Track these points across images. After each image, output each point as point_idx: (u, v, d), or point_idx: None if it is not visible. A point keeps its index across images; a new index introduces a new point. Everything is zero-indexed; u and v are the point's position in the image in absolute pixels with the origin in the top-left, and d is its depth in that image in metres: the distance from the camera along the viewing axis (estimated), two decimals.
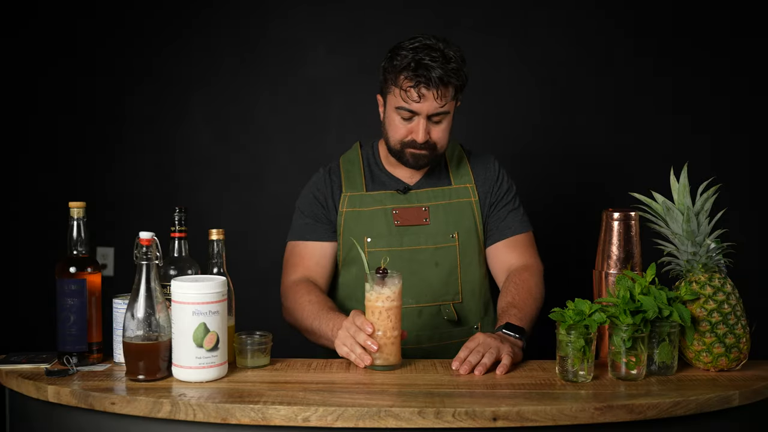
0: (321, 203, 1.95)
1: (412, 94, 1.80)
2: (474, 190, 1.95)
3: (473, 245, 1.94)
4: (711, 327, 1.57)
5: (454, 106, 1.88)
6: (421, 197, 1.93)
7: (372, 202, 1.93)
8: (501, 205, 1.97)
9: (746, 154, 2.82)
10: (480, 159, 2.02)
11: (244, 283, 2.21)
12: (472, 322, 1.94)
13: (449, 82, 1.81)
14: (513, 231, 1.95)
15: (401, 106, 1.83)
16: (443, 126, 1.86)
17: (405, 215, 1.90)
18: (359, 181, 1.96)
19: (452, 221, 1.92)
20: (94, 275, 1.63)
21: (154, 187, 2.97)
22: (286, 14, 2.92)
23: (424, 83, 1.78)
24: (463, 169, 1.98)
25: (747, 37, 2.81)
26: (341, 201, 1.93)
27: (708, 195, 1.61)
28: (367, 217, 1.91)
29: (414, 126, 1.84)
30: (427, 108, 1.81)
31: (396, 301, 1.61)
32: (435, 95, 1.79)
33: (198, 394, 1.42)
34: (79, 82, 2.96)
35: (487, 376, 1.57)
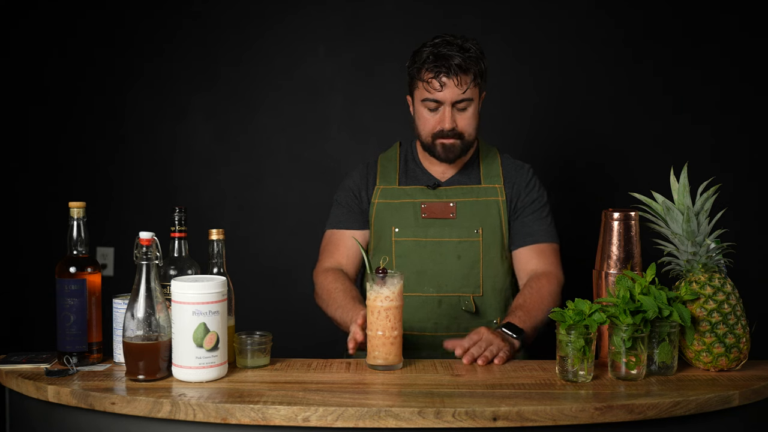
0: (355, 195, 2.07)
1: (434, 84, 1.91)
2: (502, 191, 2.02)
3: (497, 242, 1.99)
4: (711, 327, 1.57)
5: (478, 95, 1.97)
6: (450, 193, 2.01)
7: (402, 195, 2.03)
8: (529, 212, 2.02)
9: (746, 154, 2.82)
10: (513, 163, 2.09)
11: (244, 283, 2.22)
12: (491, 317, 1.98)
13: (468, 69, 1.91)
14: (536, 239, 2.01)
15: (426, 98, 1.94)
16: (468, 113, 1.96)
17: (432, 209, 1.99)
18: (393, 176, 2.07)
19: (477, 218, 1.98)
20: (94, 275, 1.63)
21: (154, 187, 2.97)
22: (286, 14, 2.92)
23: (444, 72, 1.90)
24: (494, 170, 2.05)
25: (748, 37, 2.81)
26: (374, 193, 2.05)
27: (708, 195, 1.61)
28: (396, 209, 2.01)
29: (440, 116, 1.94)
30: (450, 96, 1.92)
31: (396, 301, 1.61)
32: (456, 82, 1.90)
33: (198, 394, 1.42)
34: (79, 82, 2.96)
35: (487, 376, 1.57)
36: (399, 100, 2.91)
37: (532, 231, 2.00)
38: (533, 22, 2.86)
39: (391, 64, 2.90)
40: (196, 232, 1.86)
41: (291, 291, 2.94)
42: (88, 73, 2.95)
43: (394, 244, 1.99)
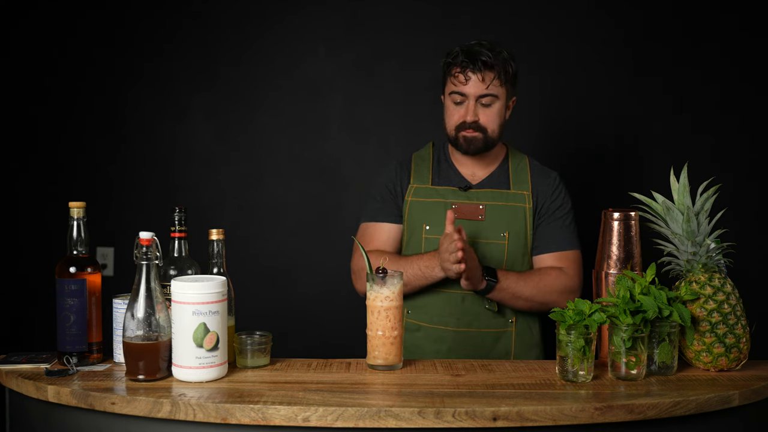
0: (390, 190, 2.14)
1: (461, 78, 2.01)
2: (530, 198, 2.07)
3: (521, 247, 2.05)
4: (711, 327, 1.57)
5: (504, 96, 2.04)
6: (480, 196, 2.07)
7: (435, 195, 2.09)
8: (552, 219, 2.07)
9: (746, 154, 2.82)
10: (542, 171, 2.14)
11: (244, 283, 2.22)
12: (509, 316, 2.05)
13: (493, 66, 2.00)
14: (558, 246, 2.05)
15: (453, 91, 2.03)
16: (492, 110, 2.03)
17: (463, 210, 2.05)
18: (427, 175, 2.13)
19: (504, 221, 2.04)
20: (94, 275, 1.63)
21: (154, 187, 2.97)
22: (286, 14, 2.92)
23: (470, 68, 2.00)
24: (523, 177, 2.10)
25: (748, 38, 2.81)
26: (408, 191, 2.11)
27: (708, 195, 1.61)
28: (428, 207, 2.08)
29: (464, 109, 2.03)
30: (474, 90, 2.00)
31: (395, 301, 1.61)
32: (480, 78, 1.99)
33: (198, 394, 1.42)
34: (79, 82, 2.96)
35: (488, 376, 1.57)
36: (399, 100, 2.93)
37: (555, 239, 2.05)
38: (533, 22, 2.86)
39: (391, 64, 2.90)
40: (196, 232, 1.86)
41: (291, 291, 2.94)
42: (88, 73, 2.95)
43: (424, 241, 2.05)
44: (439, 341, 2.03)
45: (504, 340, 2.04)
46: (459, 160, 2.13)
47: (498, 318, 2.04)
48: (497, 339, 2.04)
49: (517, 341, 2.04)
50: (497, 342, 2.04)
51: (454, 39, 2.85)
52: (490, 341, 2.03)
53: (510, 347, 2.04)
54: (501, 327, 2.04)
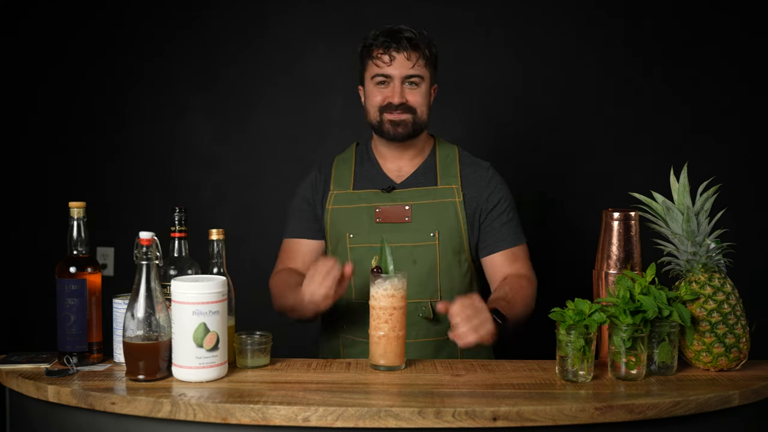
0: (309, 203, 2.04)
1: (384, 59, 1.92)
2: (459, 192, 1.97)
3: (455, 245, 1.95)
4: (711, 327, 1.57)
5: (429, 78, 1.96)
6: (405, 196, 1.97)
7: (357, 200, 1.99)
8: (494, 216, 1.98)
9: (747, 153, 2.82)
10: (472, 162, 2.04)
11: (244, 283, 2.21)
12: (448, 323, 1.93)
13: (418, 46, 1.92)
14: (508, 243, 1.98)
15: (376, 73, 1.94)
16: (420, 90, 1.94)
17: (387, 213, 1.95)
18: (348, 179, 2.02)
19: (434, 220, 1.94)
20: (94, 275, 1.63)
21: (154, 187, 2.97)
22: (286, 14, 2.92)
23: (394, 47, 1.91)
24: (451, 170, 2.00)
25: (749, 37, 2.81)
26: (328, 199, 2.01)
27: (708, 195, 1.61)
28: (350, 214, 1.97)
29: (390, 90, 1.94)
30: (400, 70, 1.92)
31: (398, 302, 1.61)
32: (406, 56, 1.91)
33: (198, 394, 1.42)
34: (79, 82, 2.96)
35: (487, 376, 1.57)
36: None
37: (502, 236, 1.97)
38: (533, 22, 2.86)
39: None
40: (196, 232, 1.86)
41: None
42: (88, 73, 2.95)
43: (350, 251, 1.95)
44: None
45: (448, 348, 1.91)
46: (383, 155, 2.03)
47: (438, 325, 1.92)
48: (440, 347, 1.93)
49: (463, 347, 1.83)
50: (440, 350, 1.92)
51: (455, 39, 2.86)
52: (431, 351, 1.92)
53: (456, 355, 1.92)
54: (443, 335, 1.89)
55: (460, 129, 2.90)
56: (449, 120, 2.88)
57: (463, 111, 2.91)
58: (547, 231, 2.87)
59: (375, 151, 2.06)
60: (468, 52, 2.89)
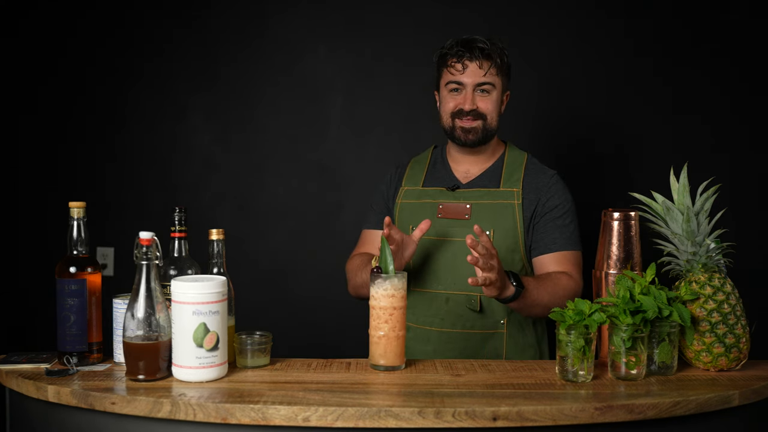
0: (384, 197, 2.19)
1: (458, 67, 2.02)
2: (519, 195, 2.03)
3: (509, 244, 2.01)
4: (711, 327, 1.57)
5: (501, 86, 2.05)
6: (467, 195, 2.06)
7: (423, 196, 2.11)
8: (549, 219, 2.02)
9: (746, 153, 2.82)
10: (537, 168, 2.10)
11: (244, 283, 2.22)
12: (498, 317, 2.00)
13: (490, 55, 2.01)
14: (559, 246, 2.01)
15: (449, 81, 2.04)
16: (491, 98, 2.03)
17: (448, 209, 2.05)
18: (419, 178, 2.16)
19: (491, 219, 2.01)
20: (94, 275, 1.63)
21: (154, 187, 2.97)
22: (286, 14, 2.92)
23: (467, 56, 2.01)
24: (515, 174, 2.08)
25: (749, 37, 2.81)
26: (399, 194, 2.15)
27: (708, 195, 1.61)
28: (416, 209, 2.09)
29: (462, 97, 2.03)
30: (472, 78, 2.01)
31: (398, 302, 1.61)
32: (478, 65, 2.00)
33: (198, 394, 1.42)
34: (79, 82, 2.96)
35: (488, 376, 1.57)
36: (399, 100, 2.93)
37: (554, 239, 2.01)
38: (535, 22, 2.86)
39: (391, 64, 2.90)
40: (196, 232, 1.86)
41: (291, 291, 2.95)
42: (88, 73, 2.96)
43: None
44: (424, 342, 2.02)
45: (493, 341, 1.99)
46: (455, 158, 2.13)
47: (485, 319, 1.99)
48: (485, 340, 1.99)
49: (509, 343, 2.00)
50: (485, 343, 1.99)
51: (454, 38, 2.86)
52: (477, 343, 1.99)
53: (501, 349, 1.99)
54: (489, 328, 2.00)
55: None
56: None
57: None
58: None
59: (448, 154, 2.16)
60: None
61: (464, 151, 2.10)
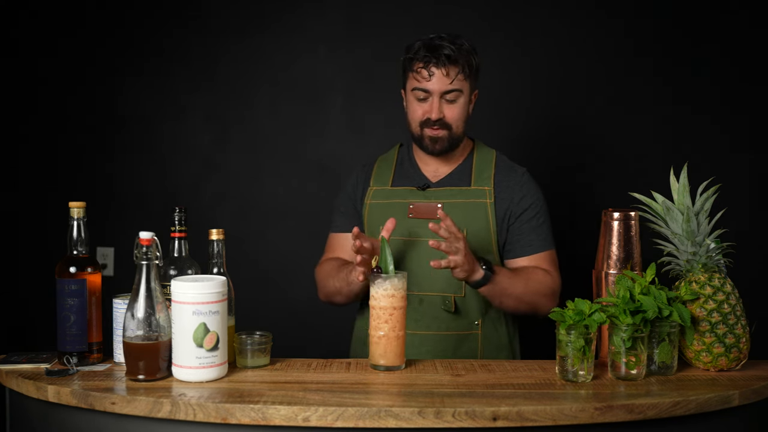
0: (351, 198, 2.13)
1: (424, 74, 1.95)
2: (491, 193, 2.01)
3: (483, 244, 1.99)
4: (711, 327, 1.57)
5: (468, 90, 1.99)
6: (438, 195, 2.02)
7: (393, 196, 2.06)
8: (522, 221, 2.01)
9: (746, 153, 2.82)
10: (508, 166, 2.08)
11: (244, 283, 2.22)
12: (473, 318, 1.97)
13: (457, 61, 1.94)
14: (534, 248, 2.00)
15: (415, 87, 1.98)
16: (457, 105, 1.98)
17: (419, 209, 2.01)
18: (388, 177, 2.10)
19: (463, 219, 1.97)
20: (94, 275, 1.63)
21: (154, 187, 2.97)
22: (286, 14, 2.92)
23: (434, 63, 1.94)
24: (485, 173, 2.05)
25: (749, 37, 2.81)
26: (367, 194, 2.10)
27: (708, 195, 1.61)
28: (386, 209, 2.04)
29: (428, 105, 1.97)
30: (438, 86, 1.95)
31: (398, 302, 1.61)
32: (444, 73, 1.94)
33: (198, 394, 1.42)
34: (79, 82, 2.96)
35: (488, 376, 1.57)
36: (399, 100, 2.92)
37: (529, 241, 2.00)
38: (532, 22, 2.86)
39: (391, 64, 2.89)
40: (196, 232, 1.86)
41: (291, 291, 2.94)
42: (88, 73, 2.96)
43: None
44: None
45: (469, 342, 1.96)
46: (422, 158, 2.09)
47: (460, 320, 1.96)
48: (460, 342, 1.96)
49: (483, 343, 1.97)
50: (460, 345, 1.96)
51: None
52: (452, 344, 1.95)
53: (476, 350, 1.96)
54: (464, 329, 1.96)
55: None
56: None
57: None
58: None
59: (415, 153, 2.12)
60: None
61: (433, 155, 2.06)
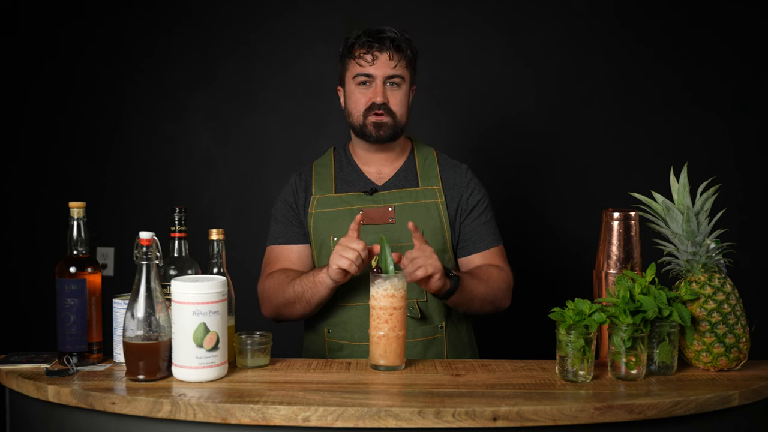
0: (292, 208, 2.03)
1: (367, 58, 1.93)
2: (441, 193, 1.99)
3: (439, 245, 1.96)
4: (711, 327, 1.57)
5: (409, 78, 1.98)
6: (387, 198, 1.98)
7: (340, 203, 1.99)
8: (473, 217, 2.00)
9: (746, 153, 2.82)
10: (451, 164, 2.06)
11: (244, 283, 2.22)
12: (437, 321, 1.95)
13: (400, 46, 1.93)
14: (486, 245, 2.00)
15: (358, 73, 1.94)
16: (401, 92, 1.96)
17: (370, 215, 1.95)
18: (329, 183, 2.03)
19: (417, 221, 1.92)
20: (94, 275, 1.63)
21: (154, 187, 2.97)
22: (285, 13, 2.92)
23: (377, 47, 1.92)
24: (431, 172, 2.02)
25: (748, 36, 2.81)
26: (311, 203, 2.01)
27: (708, 195, 1.61)
28: (334, 217, 1.97)
29: (372, 90, 1.94)
30: (382, 70, 1.93)
31: (398, 302, 1.61)
32: (389, 56, 1.92)
33: (198, 394, 1.42)
34: (78, 82, 2.96)
35: (488, 376, 1.57)
36: None
37: (481, 237, 1.99)
38: (532, 21, 2.86)
39: None
40: (196, 232, 1.86)
41: None
42: (88, 72, 2.96)
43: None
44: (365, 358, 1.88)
45: (434, 347, 1.94)
46: (363, 159, 2.04)
47: (425, 325, 1.93)
48: (427, 347, 1.93)
49: (448, 346, 1.95)
50: (427, 350, 1.93)
51: (452, 38, 2.87)
52: (419, 350, 1.92)
53: (442, 354, 1.94)
54: (429, 334, 1.93)
55: (456, 130, 2.90)
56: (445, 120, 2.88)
57: (461, 110, 2.91)
58: (547, 231, 2.87)
59: (354, 155, 2.07)
60: (466, 52, 2.89)
61: (372, 149, 2.01)
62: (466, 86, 2.89)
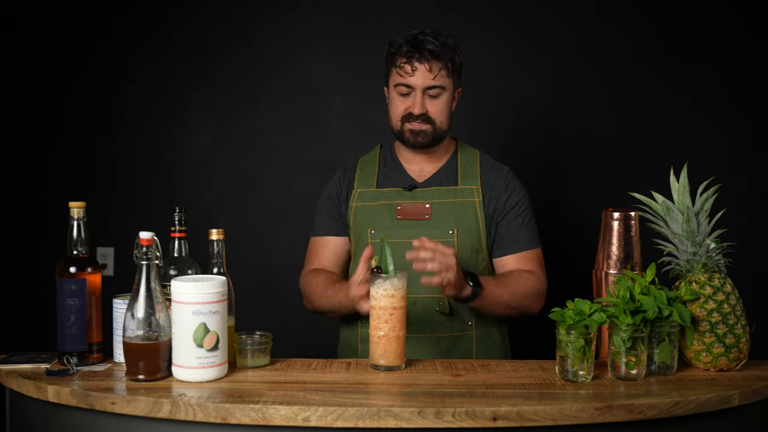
0: (334, 201, 2.10)
1: (407, 69, 1.95)
2: (479, 192, 2.01)
3: (473, 243, 1.98)
4: (711, 327, 1.57)
5: (451, 87, 1.99)
6: (426, 195, 2.01)
7: (379, 197, 2.03)
8: (510, 219, 2.01)
9: (747, 153, 2.82)
10: (493, 166, 2.08)
11: (244, 283, 2.22)
12: (466, 318, 1.97)
13: (440, 56, 1.94)
14: (522, 246, 2.00)
15: (398, 83, 1.97)
16: (440, 101, 1.98)
17: (408, 210, 1.99)
18: (372, 179, 2.08)
19: (453, 218, 1.97)
20: (94, 275, 1.63)
21: (154, 187, 2.97)
22: (286, 14, 2.92)
23: (417, 58, 1.93)
24: (472, 172, 2.04)
25: (748, 36, 2.81)
26: (352, 197, 2.06)
27: (708, 195, 1.61)
28: (372, 211, 2.02)
29: (411, 100, 1.97)
30: (422, 81, 1.94)
31: (398, 302, 1.61)
32: (427, 68, 1.93)
33: (198, 394, 1.42)
34: (79, 82, 2.96)
35: (488, 376, 1.57)
36: None
37: (517, 239, 2.00)
38: (533, 22, 2.86)
39: None
40: (196, 232, 1.86)
41: (291, 291, 2.93)
42: (88, 73, 2.95)
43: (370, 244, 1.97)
44: None
45: (463, 344, 1.96)
46: (406, 157, 2.08)
47: (454, 321, 1.95)
48: (454, 343, 1.95)
49: (477, 344, 1.97)
50: (454, 346, 1.95)
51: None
52: (446, 346, 1.94)
53: (471, 351, 1.96)
54: (458, 331, 1.95)
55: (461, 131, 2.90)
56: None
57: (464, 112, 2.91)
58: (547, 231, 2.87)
59: (398, 153, 2.11)
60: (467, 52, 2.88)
61: (415, 151, 2.05)
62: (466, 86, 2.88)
